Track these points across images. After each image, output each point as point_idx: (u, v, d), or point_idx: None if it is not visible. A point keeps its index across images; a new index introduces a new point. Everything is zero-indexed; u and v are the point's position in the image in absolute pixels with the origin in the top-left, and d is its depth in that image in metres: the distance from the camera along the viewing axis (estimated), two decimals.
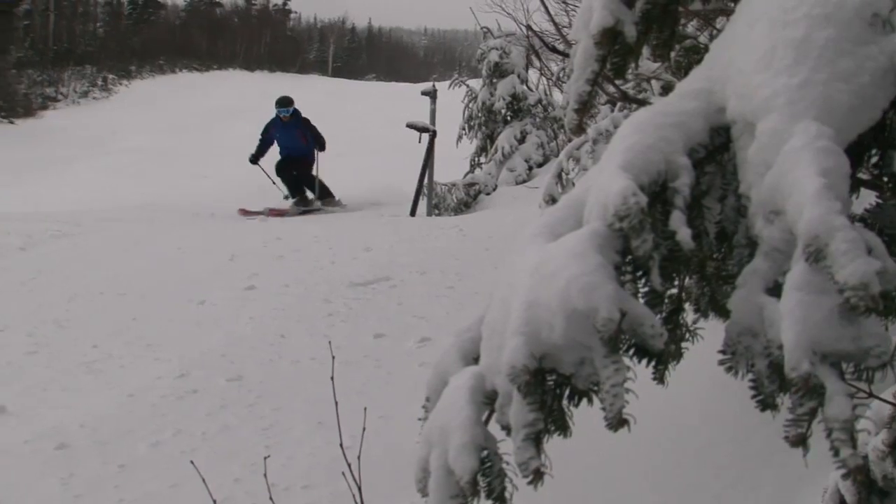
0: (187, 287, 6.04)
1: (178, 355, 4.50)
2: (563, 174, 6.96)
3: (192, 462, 2.50)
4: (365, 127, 39.34)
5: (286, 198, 13.84)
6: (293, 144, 13.80)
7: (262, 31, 69.05)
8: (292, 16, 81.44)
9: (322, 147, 14.10)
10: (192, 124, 37.86)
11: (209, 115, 43.04)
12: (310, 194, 14.12)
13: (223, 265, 6.66)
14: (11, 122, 41.35)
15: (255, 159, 14.08)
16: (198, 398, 3.82)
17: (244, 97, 43.77)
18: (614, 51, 1.84)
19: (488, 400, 1.44)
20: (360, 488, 2.30)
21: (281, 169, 13.99)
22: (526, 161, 14.49)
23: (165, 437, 3.37)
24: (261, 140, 14.05)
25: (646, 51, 1.98)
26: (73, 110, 46.19)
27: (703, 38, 3.69)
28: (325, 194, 14.30)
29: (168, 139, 31.59)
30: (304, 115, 14.30)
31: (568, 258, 1.31)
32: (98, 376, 4.30)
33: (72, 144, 37.77)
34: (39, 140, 39.21)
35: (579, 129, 1.92)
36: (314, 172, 14.17)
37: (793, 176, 1.13)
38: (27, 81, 47.16)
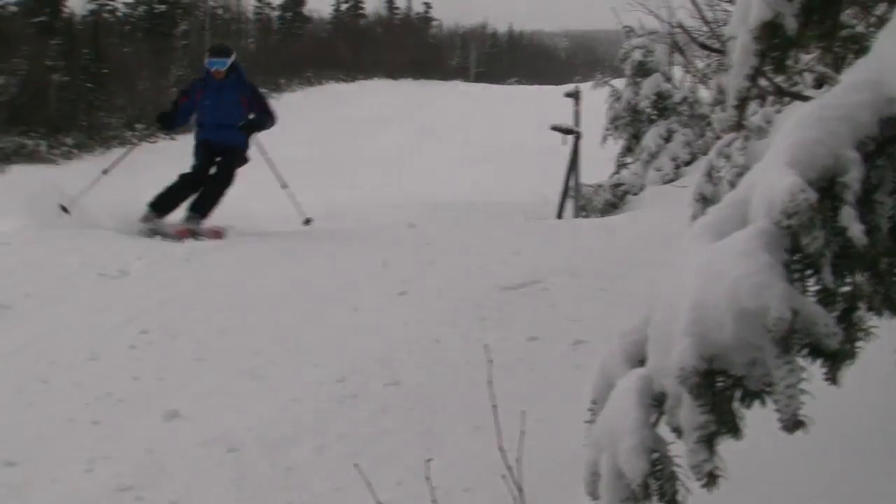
0: (342, 294, 6.17)
1: (337, 361, 4.61)
2: (714, 172, 6.82)
3: (356, 465, 2.55)
4: (507, 130, 39.41)
5: (153, 211, 8.84)
6: (225, 117, 9.16)
7: (405, 39, 69.92)
8: (434, 24, 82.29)
9: (266, 126, 9.50)
10: (340, 134, 38.71)
11: (356, 124, 43.95)
12: (194, 218, 8.94)
13: (376, 271, 6.78)
14: (173, 139, 42.91)
15: (167, 124, 9.82)
16: (358, 403, 3.90)
17: (389, 106, 44.45)
18: (773, 45, 1.80)
19: (656, 402, 1.44)
20: (521, 491, 2.31)
21: (197, 152, 9.47)
22: (673, 160, 14.25)
23: (328, 440, 3.45)
24: (173, 104, 9.79)
25: None
26: None
27: (861, 28, 3.56)
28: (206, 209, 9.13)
29: (317, 149, 32.34)
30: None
31: (735, 257, 1.30)
32: (262, 382, 4.44)
33: None
34: None
35: (738, 125, 1.89)
36: (241, 167, 9.49)
37: None
38: None
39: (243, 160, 9.57)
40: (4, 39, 40.87)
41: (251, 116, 9.35)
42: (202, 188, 9.22)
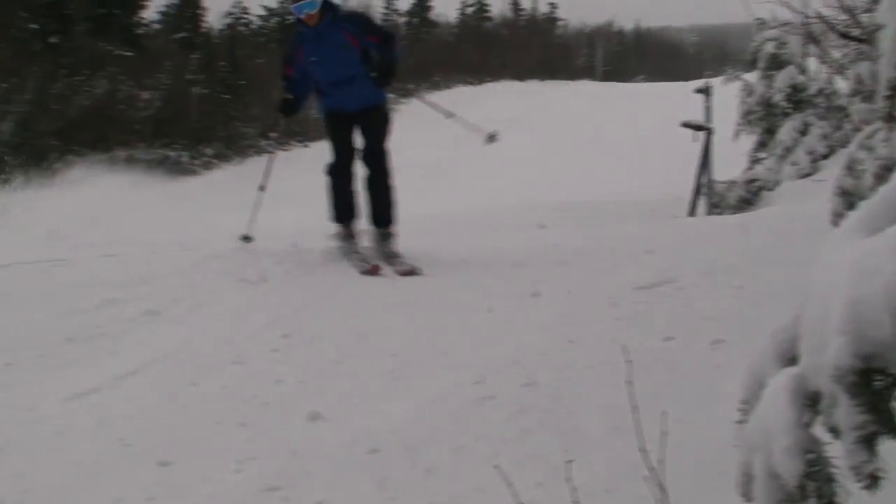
0: (475, 295, 6.21)
1: (473, 362, 4.64)
2: (856, 165, 6.60)
3: (496, 466, 2.57)
4: (636, 129, 38.95)
5: (341, 223, 7.72)
6: (340, 69, 7.36)
7: (531, 40, 69.80)
8: (560, 23, 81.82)
9: (397, 60, 7.48)
10: (469, 137, 38.80)
11: (484, 126, 43.97)
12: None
13: (507, 273, 6.79)
14: (306, 146, 43.97)
15: (290, 108, 7.89)
16: (495, 404, 3.92)
17: (516, 107, 44.44)
18: None
19: (811, 402, 1.41)
20: (664, 492, 2.29)
21: (332, 131, 7.72)
22: (809, 154, 13.86)
23: (467, 441, 3.48)
24: (284, 80, 7.84)
25: None
26: None
27: None
28: (389, 215, 7.67)
29: (445, 153, 32.57)
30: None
31: (892, 253, 1.26)
32: (400, 384, 4.50)
33: None
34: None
35: (889, 116, 1.83)
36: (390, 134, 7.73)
37: None
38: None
39: (387, 122, 7.72)
40: (149, 56, 42.70)
41: (375, 57, 7.33)
42: (368, 187, 7.60)
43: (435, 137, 33.15)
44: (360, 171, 7.69)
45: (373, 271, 7.19)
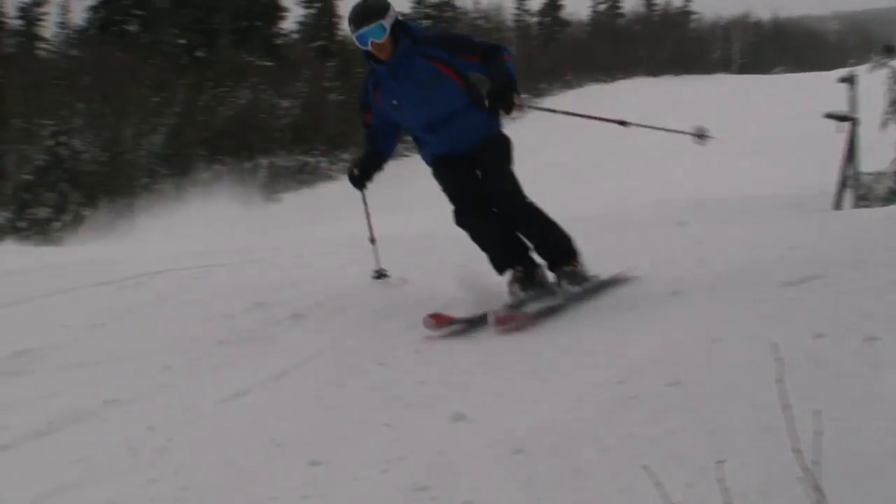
0: (616, 294, 6.17)
1: (615, 362, 4.60)
2: None
3: (644, 466, 2.55)
4: (776, 122, 38.02)
5: (507, 272, 6.31)
6: (437, 107, 6.02)
7: (665, 35, 68.80)
8: (694, 17, 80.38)
9: (512, 72, 5.83)
10: (604, 135, 38.53)
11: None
12: (538, 260, 6.33)
13: (647, 271, 6.71)
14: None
15: (361, 179, 6.58)
16: (639, 403, 3.88)
17: (650, 104, 43.83)
18: None
19: None
20: (822, 494, 2.23)
21: (445, 182, 6.31)
22: None
23: (612, 442, 3.46)
24: (364, 126, 6.38)
25: None
26: None
27: None
28: (559, 251, 6.28)
29: (580, 152, 32.44)
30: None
31: None
32: (542, 384, 4.50)
33: None
34: None
35: None
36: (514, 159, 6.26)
37: None
38: None
39: (507, 150, 6.24)
40: (288, 65, 43.98)
41: (485, 75, 5.85)
42: (512, 225, 6.19)
43: (563, 139, 33.04)
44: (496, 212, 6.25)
45: (503, 322, 5.73)
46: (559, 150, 36.68)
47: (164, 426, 4.64)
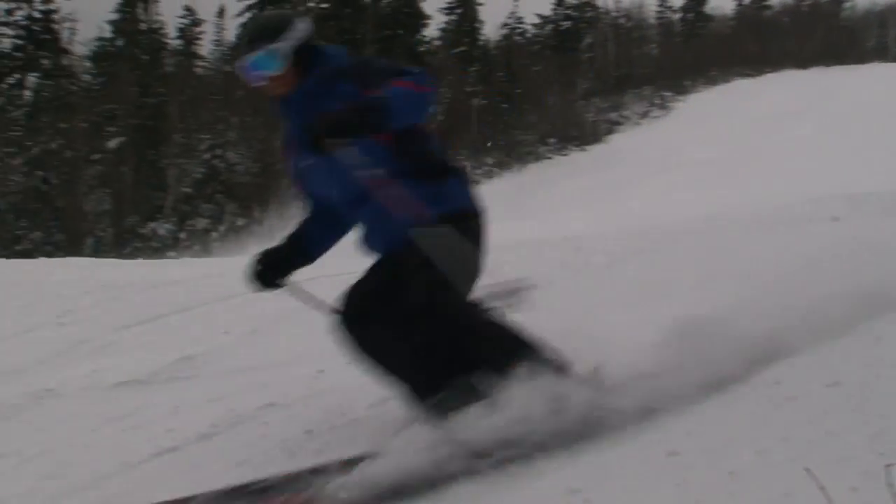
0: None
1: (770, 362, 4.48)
2: None
3: (806, 469, 2.48)
4: None
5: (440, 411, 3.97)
6: (342, 187, 3.94)
7: (815, 26, 66.63)
8: (846, 5, 77.54)
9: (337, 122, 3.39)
10: (751, 131, 37.52)
11: (765, 119, 42.38)
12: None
13: (797, 269, 6.50)
14: (583, 150, 44.23)
15: (266, 275, 4.42)
16: (796, 405, 3.77)
17: (800, 97, 42.59)
18: None
19: None
20: None
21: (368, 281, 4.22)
22: None
23: (770, 444, 3.36)
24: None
25: None
26: (636, 131, 48.33)
27: None
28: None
29: (726, 147, 31.69)
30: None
31: None
32: None
33: (637, 164, 39.45)
34: (608, 163, 41.45)
35: None
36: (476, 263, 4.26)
37: None
38: (594, 110, 50.83)
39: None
40: (432, 71, 44.78)
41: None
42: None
43: (709, 135, 32.35)
44: None
45: None
46: (703, 146, 35.95)
47: (321, 429, 4.75)
